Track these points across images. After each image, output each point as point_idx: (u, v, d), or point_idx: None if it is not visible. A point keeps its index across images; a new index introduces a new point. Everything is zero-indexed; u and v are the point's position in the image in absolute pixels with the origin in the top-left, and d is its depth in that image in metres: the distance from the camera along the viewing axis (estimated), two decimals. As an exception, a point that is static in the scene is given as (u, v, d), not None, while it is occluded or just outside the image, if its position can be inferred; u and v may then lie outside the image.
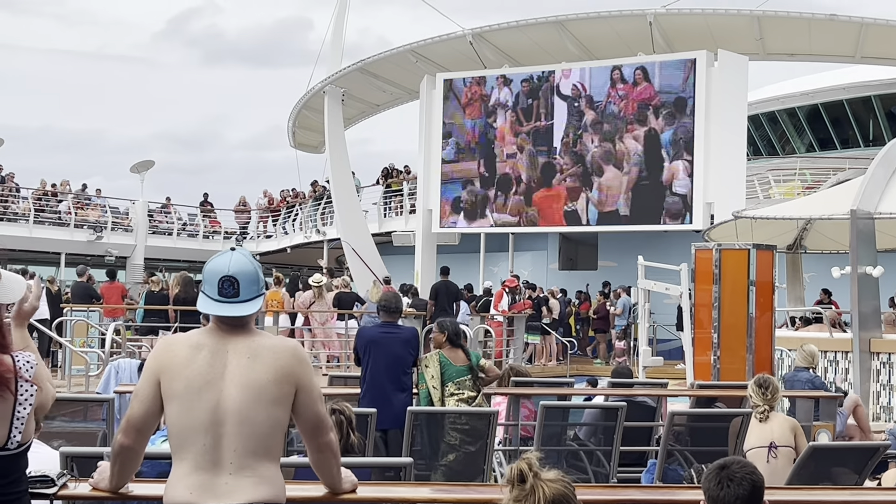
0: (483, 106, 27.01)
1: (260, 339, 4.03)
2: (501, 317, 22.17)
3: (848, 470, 7.43)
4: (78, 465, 4.78)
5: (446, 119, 27.47)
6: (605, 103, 25.22)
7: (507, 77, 26.73)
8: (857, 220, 15.96)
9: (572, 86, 25.65)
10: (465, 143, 27.23)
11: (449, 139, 27.47)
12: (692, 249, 14.65)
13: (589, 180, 25.40)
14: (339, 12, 31.19)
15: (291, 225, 36.90)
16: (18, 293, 4.36)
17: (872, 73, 29.59)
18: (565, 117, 25.77)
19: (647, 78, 24.63)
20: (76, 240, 33.96)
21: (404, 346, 9.10)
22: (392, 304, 9.39)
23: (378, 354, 8.93)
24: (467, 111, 27.22)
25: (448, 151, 27.45)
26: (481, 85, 27.06)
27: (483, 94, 27.03)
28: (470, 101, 27.17)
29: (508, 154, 26.61)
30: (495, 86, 26.85)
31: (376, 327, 9.33)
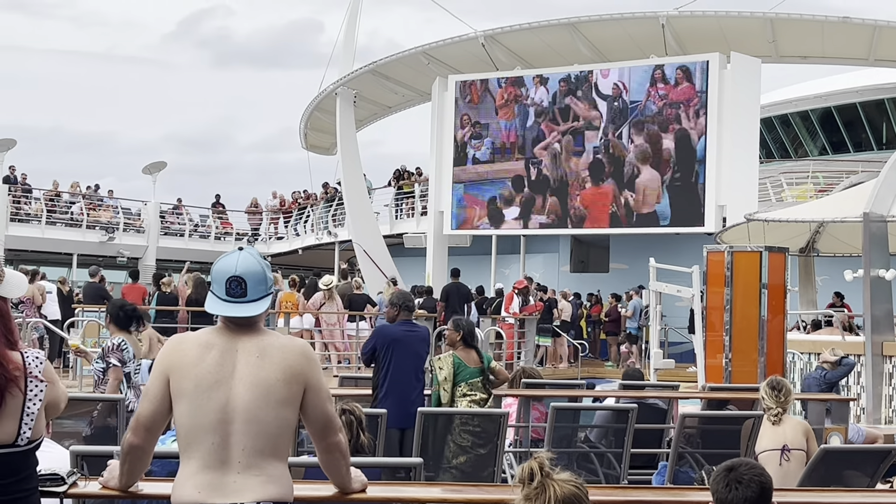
0: (519, 106, 26.73)
1: (269, 338, 4.03)
2: (512, 319, 22.15)
3: (860, 473, 7.40)
4: (88, 464, 4.78)
5: (480, 119, 27.21)
6: (644, 103, 24.91)
7: (542, 76, 26.44)
8: (870, 223, 15.90)
9: (613, 85, 25.32)
10: (501, 144, 26.95)
11: (483, 139, 27.19)
12: (704, 252, 14.61)
13: (628, 181, 25.08)
14: (351, 14, 31.23)
15: (303, 226, 36.92)
16: (22, 289, 4.37)
17: (886, 76, 29.51)
18: (605, 116, 25.46)
19: (689, 78, 24.43)
20: (88, 241, 34.04)
21: (423, 344, 9.17)
22: (411, 302, 9.43)
23: (401, 353, 8.92)
24: (502, 111, 26.93)
25: (483, 152, 27.16)
26: (517, 85, 26.78)
27: (518, 94, 26.74)
28: (506, 102, 26.88)
29: (545, 154, 26.30)
30: (531, 85, 26.57)
31: (397, 325, 9.27)
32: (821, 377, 11.75)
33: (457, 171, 27.50)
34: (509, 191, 26.80)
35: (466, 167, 27.40)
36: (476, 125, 27.27)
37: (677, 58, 24.83)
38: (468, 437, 8.10)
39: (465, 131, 27.44)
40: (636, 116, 25.01)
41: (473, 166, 27.25)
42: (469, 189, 27.37)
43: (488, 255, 29.60)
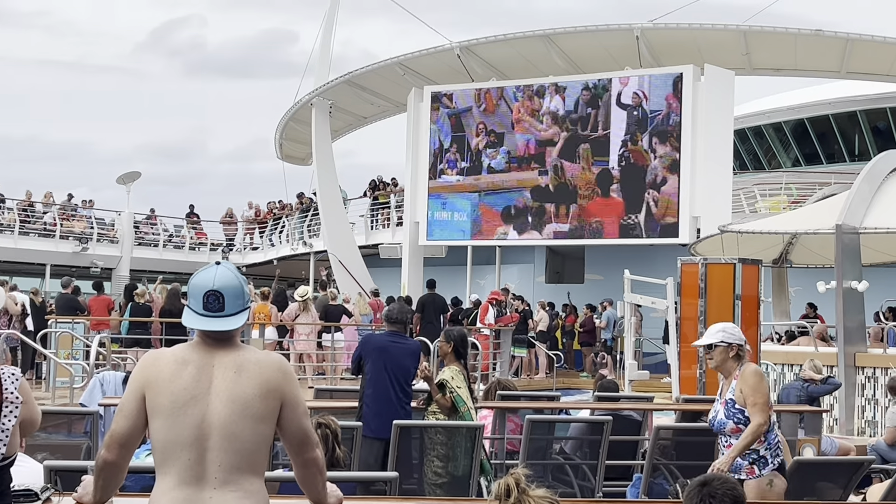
0: (535, 114, 26.36)
1: (246, 353, 4.02)
2: (488, 330, 22.16)
3: (832, 484, 7.45)
4: (62, 479, 4.75)
5: (494, 127, 26.83)
6: (665, 112, 24.61)
7: (558, 85, 26.02)
8: (843, 235, 16.01)
9: (633, 94, 24.95)
10: (518, 153, 26.55)
11: (499, 148, 26.77)
12: (678, 263, 14.68)
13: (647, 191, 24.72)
14: (326, 25, 31.23)
15: (278, 237, 36.85)
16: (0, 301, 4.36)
17: (858, 88, 29.74)
18: (624, 126, 24.99)
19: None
20: (62, 251, 33.83)
21: (411, 357, 9.04)
22: (395, 314, 9.33)
23: (385, 362, 8.85)
24: (518, 120, 26.53)
25: (497, 161, 26.73)
26: (531, 93, 26.36)
27: (532, 101, 26.34)
28: (519, 110, 26.44)
29: (561, 163, 25.87)
30: (548, 94, 26.19)
31: (384, 335, 9.23)
32: (802, 389, 11.80)
33: (471, 180, 26.96)
34: (526, 200, 26.36)
35: (482, 176, 26.89)
36: (491, 134, 26.86)
37: (651, 70, 24.94)
38: (443, 449, 8.10)
39: (480, 140, 27.00)
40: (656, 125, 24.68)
41: (489, 175, 26.77)
42: (484, 198, 26.90)
43: (464, 265, 29.63)
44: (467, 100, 27.22)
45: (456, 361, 9.05)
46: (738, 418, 6.79)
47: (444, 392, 8.70)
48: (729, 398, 6.87)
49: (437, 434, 8.19)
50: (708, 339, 7.03)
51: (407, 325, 9.41)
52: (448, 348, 9.11)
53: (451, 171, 27.33)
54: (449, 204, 27.31)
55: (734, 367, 6.92)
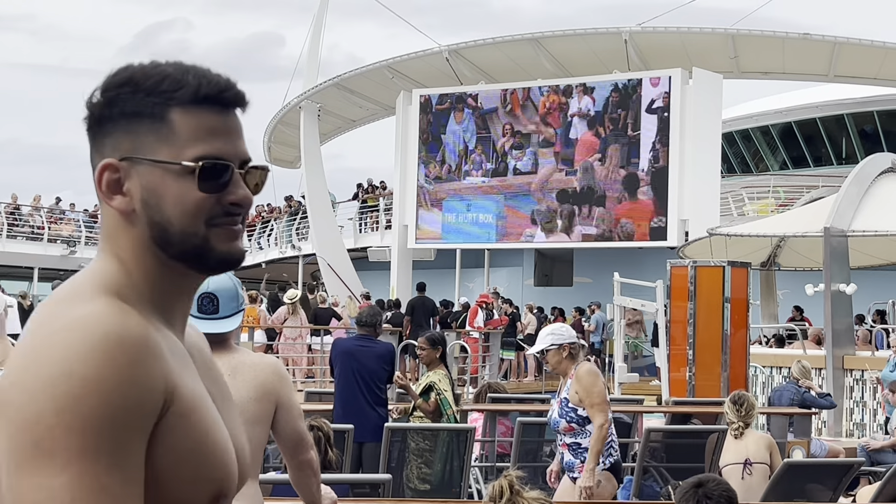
0: (562, 115, 25.88)
1: (240, 355, 4.03)
2: (477, 333, 22.16)
3: (822, 486, 7.47)
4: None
5: (521, 128, 26.39)
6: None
7: (587, 86, 25.55)
8: (831, 238, 16.06)
9: (663, 94, 24.52)
10: (544, 154, 26.03)
11: (525, 149, 26.33)
12: (668, 266, 14.71)
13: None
14: (315, 28, 31.23)
15: (266, 240, 36.79)
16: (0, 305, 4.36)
17: (845, 91, 29.86)
18: (654, 128, 24.59)
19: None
20: (49, 254, 33.74)
21: (378, 360, 8.99)
22: (364, 317, 9.33)
23: (352, 366, 8.86)
24: (544, 121, 26.08)
25: (525, 163, 26.33)
26: (558, 93, 25.99)
27: (561, 102, 25.88)
28: (549, 111, 26.01)
29: (590, 165, 25.44)
30: (575, 94, 25.69)
31: (351, 339, 9.28)
32: (797, 393, 11.83)
33: (497, 182, 26.63)
34: (554, 202, 25.99)
35: (507, 178, 26.53)
36: (518, 135, 26.46)
37: (640, 73, 25.00)
38: (434, 452, 8.10)
39: (507, 141, 26.58)
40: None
41: (515, 177, 26.38)
42: (509, 200, 26.58)
43: (453, 268, 29.63)
44: (493, 100, 26.81)
45: (441, 365, 9.05)
46: (570, 417, 6.74)
47: (430, 395, 8.69)
48: (563, 397, 6.85)
49: (428, 436, 8.19)
50: (539, 346, 7.04)
51: (377, 328, 9.38)
52: (435, 354, 9.09)
53: (476, 173, 26.96)
54: (474, 206, 26.92)
55: (570, 366, 6.88)
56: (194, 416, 1.47)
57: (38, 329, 1.43)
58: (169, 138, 1.52)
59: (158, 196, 1.51)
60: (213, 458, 1.49)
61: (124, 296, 1.49)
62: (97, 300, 1.45)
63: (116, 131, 1.53)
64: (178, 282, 1.57)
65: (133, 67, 1.55)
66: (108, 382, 1.35)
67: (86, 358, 1.36)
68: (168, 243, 1.52)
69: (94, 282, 1.50)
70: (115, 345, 1.38)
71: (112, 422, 1.35)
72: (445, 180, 27.36)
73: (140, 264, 1.54)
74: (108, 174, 1.53)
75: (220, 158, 1.53)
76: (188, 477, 1.45)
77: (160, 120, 1.51)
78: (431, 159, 27.45)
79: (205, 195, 1.51)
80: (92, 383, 1.35)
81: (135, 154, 1.52)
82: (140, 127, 1.52)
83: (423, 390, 8.74)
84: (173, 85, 1.52)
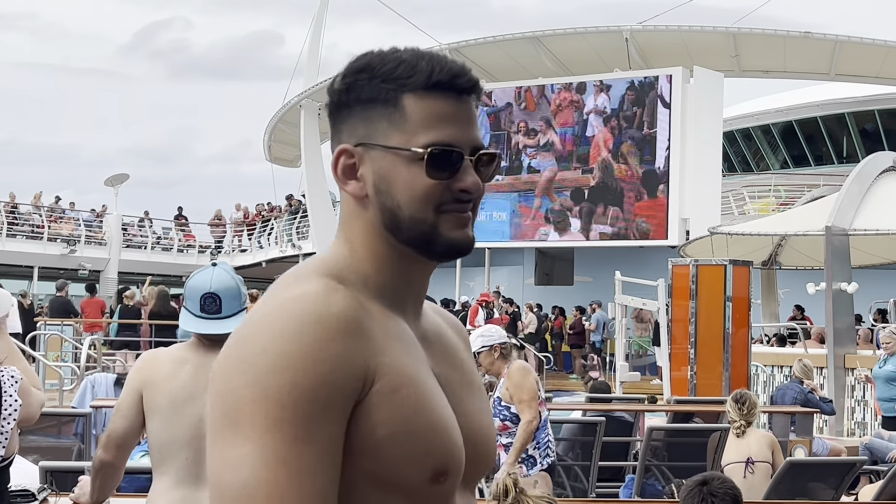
0: (577, 113, 25.66)
1: (243, 353, 4.02)
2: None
3: (825, 485, 7.46)
4: (56, 480, 4.74)
5: (535, 126, 26.18)
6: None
7: (604, 83, 25.34)
8: (832, 237, 16.04)
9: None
10: (559, 153, 25.98)
11: (540, 147, 26.07)
12: (669, 265, 14.70)
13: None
14: (315, 27, 31.23)
15: (267, 239, 36.79)
16: (6, 307, 4.35)
17: (846, 90, 29.85)
18: (668, 125, 24.36)
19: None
20: (49, 253, 33.72)
21: None
22: None
23: None
24: (558, 118, 25.89)
25: (538, 161, 26.09)
26: (571, 90, 25.83)
27: (573, 99, 25.72)
28: (563, 108, 25.81)
29: (606, 163, 25.22)
30: (591, 91, 25.45)
31: None
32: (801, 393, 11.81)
33: (511, 180, 26.45)
34: (568, 200, 25.83)
35: (522, 176, 26.35)
36: (532, 132, 26.25)
37: (641, 72, 24.98)
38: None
39: (521, 138, 26.39)
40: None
41: (530, 175, 26.25)
42: (523, 199, 26.50)
43: (453, 267, 29.61)
44: (507, 97, 26.66)
45: None
46: (504, 415, 6.74)
47: None
48: (496, 396, 6.85)
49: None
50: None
51: None
52: None
53: None
54: (487, 204, 26.19)
55: (503, 366, 6.89)
56: (402, 394, 1.48)
57: (258, 307, 1.50)
58: (401, 124, 1.55)
59: (389, 181, 1.56)
60: (430, 435, 1.50)
61: (344, 278, 1.55)
62: (311, 281, 1.52)
63: (352, 117, 1.59)
64: (407, 267, 1.60)
65: (371, 54, 1.60)
66: (296, 358, 1.40)
67: (281, 335, 1.41)
68: (398, 228, 1.56)
69: (318, 264, 1.59)
70: (310, 323, 1.43)
71: (299, 397, 1.39)
72: None
73: (370, 249, 1.59)
74: (344, 159, 1.60)
75: (451, 145, 1.55)
76: (401, 453, 1.47)
77: (393, 106, 1.55)
78: None
79: (434, 181, 1.54)
80: (282, 359, 1.40)
81: (368, 140, 1.57)
82: (374, 113, 1.57)
83: None
84: (407, 71, 1.55)
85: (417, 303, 1.66)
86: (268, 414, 1.37)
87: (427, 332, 1.65)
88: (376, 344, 1.48)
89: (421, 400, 1.51)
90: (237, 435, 1.38)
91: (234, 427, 1.38)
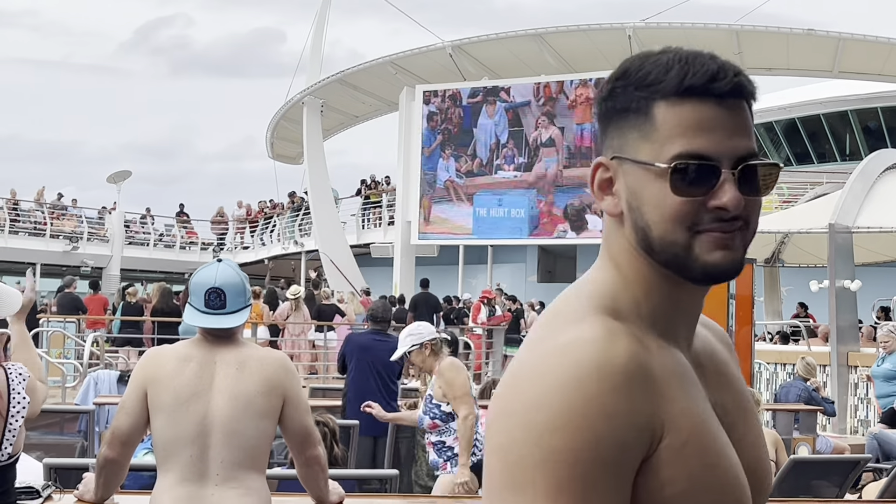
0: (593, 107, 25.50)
1: (248, 350, 4.02)
2: (480, 329, 22.10)
3: (829, 483, 7.45)
4: (60, 477, 4.73)
5: (554, 122, 25.97)
6: None
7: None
8: (836, 234, 16.03)
9: None
10: (576, 148, 25.77)
11: (558, 143, 25.87)
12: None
13: None
14: (318, 24, 31.22)
15: (269, 236, 36.79)
16: (15, 307, 4.35)
17: (849, 88, 29.83)
18: None
19: None
20: (52, 250, 33.73)
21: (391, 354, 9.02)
22: (379, 312, 9.38)
23: (367, 360, 8.86)
24: (576, 113, 25.73)
25: (557, 157, 25.83)
26: (587, 86, 25.63)
27: (589, 95, 25.39)
28: (581, 104, 25.59)
29: None
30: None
31: (366, 333, 9.27)
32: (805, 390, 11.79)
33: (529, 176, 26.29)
34: (589, 197, 24.77)
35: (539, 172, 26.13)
36: (551, 128, 26.03)
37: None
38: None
39: (539, 134, 26.19)
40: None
41: (548, 171, 26.04)
42: (541, 195, 26.26)
43: (455, 264, 29.61)
44: (526, 93, 26.42)
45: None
46: (433, 413, 6.66)
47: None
48: (428, 394, 6.81)
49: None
50: (400, 350, 7.02)
51: (390, 323, 9.43)
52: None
53: (507, 167, 26.57)
54: (505, 200, 26.50)
55: (434, 363, 6.83)
56: (691, 447, 1.37)
57: (533, 346, 1.40)
58: (651, 135, 1.42)
59: (639, 198, 1.42)
60: (720, 490, 1.40)
61: (619, 310, 1.42)
62: (587, 320, 1.38)
63: (610, 128, 1.48)
64: (674, 290, 1.46)
65: (631, 58, 1.49)
66: (579, 415, 1.29)
67: (561, 388, 1.31)
68: (651, 249, 1.43)
69: (590, 294, 1.44)
70: (591, 374, 1.31)
71: (584, 458, 1.29)
72: (477, 174, 27.00)
73: (634, 271, 1.46)
74: (600, 173, 1.47)
75: (702, 157, 1.39)
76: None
77: (644, 115, 1.43)
78: (462, 153, 27.18)
79: (682, 199, 1.39)
80: (564, 415, 1.29)
81: (621, 153, 1.45)
82: (627, 123, 1.45)
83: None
84: (658, 76, 1.43)
85: (690, 328, 1.52)
86: (551, 476, 1.28)
87: (700, 356, 1.53)
88: (661, 391, 1.36)
89: (709, 452, 1.39)
90: (518, 497, 1.29)
91: (515, 489, 1.29)
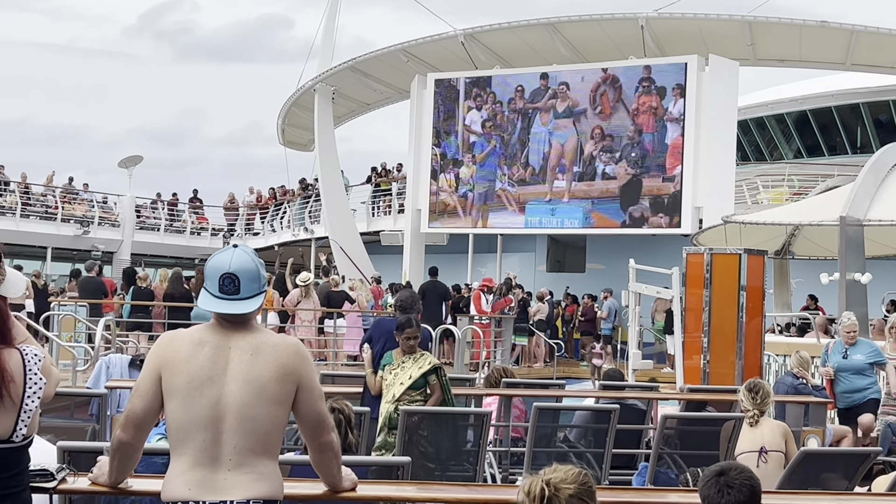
0: (656, 119, 24.76)
1: (262, 336, 4.03)
2: (485, 318, 22.06)
3: (839, 476, 7.44)
4: (74, 460, 4.75)
5: (611, 131, 25.29)
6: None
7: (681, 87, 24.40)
8: (847, 227, 16.00)
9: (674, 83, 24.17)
10: (636, 158, 25.03)
11: (615, 153, 25.22)
12: (684, 253, 14.64)
13: None
14: (330, 10, 31.18)
15: (279, 222, 36.82)
16: (21, 288, 4.36)
17: (860, 80, 29.69)
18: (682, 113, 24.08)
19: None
20: (63, 234, 33.82)
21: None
22: (408, 302, 9.43)
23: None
24: (640, 124, 25.02)
25: (613, 167, 25.21)
26: (651, 94, 24.91)
27: (653, 105, 24.82)
28: (641, 113, 24.97)
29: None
30: (671, 96, 24.48)
31: (395, 320, 9.23)
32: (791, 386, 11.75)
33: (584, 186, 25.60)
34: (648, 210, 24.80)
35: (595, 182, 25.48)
36: (607, 138, 25.34)
37: (656, 59, 24.89)
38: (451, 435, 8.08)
39: (595, 144, 25.50)
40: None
41: (604, 182, 25.38)
42: (598, 206, 25.53)
43: (465, 253, 29.61)
44: (583, 101, 25.68)
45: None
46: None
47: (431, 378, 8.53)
48: None
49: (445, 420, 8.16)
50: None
51: (418, 312, 9.50)
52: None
53: (562, 176, 25.90)
54: (559, 210, 25.93)
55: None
56: None
57: None
58: None
59: None
60: None
61: None
62: None
63: None
64: None
65: None
66: None
67: None
68: None
69: None
70: None
71: None
72: (529, 183, 26.40)
73: None
74: None
75: None
76: None
77: None
78: (515, 162, 26.57)
79: None
80: None
81: None
82: None
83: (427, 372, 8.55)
84: None
85: None
86: None
87: None
88: None
89: None
90: None
91: None
